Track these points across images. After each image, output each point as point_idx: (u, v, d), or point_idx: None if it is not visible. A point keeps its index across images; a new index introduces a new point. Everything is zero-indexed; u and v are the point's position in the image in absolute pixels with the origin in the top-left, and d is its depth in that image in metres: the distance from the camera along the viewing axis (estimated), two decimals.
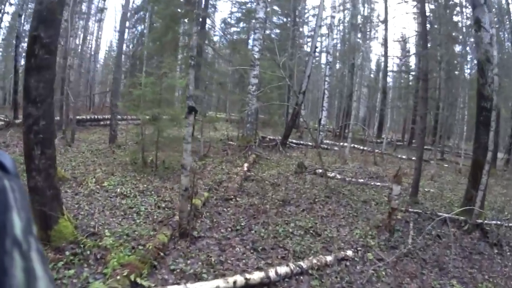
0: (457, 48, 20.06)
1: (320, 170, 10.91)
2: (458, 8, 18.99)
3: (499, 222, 7.56)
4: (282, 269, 4.95)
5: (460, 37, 18.40)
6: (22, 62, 16.89)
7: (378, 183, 11.04)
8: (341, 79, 29.58)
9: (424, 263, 6.17)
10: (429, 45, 12.34)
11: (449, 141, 24.86)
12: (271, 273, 4.79)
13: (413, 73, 25.69)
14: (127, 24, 29.31)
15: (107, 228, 6.30)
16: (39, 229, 5.31)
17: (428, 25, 12.30)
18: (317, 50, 24.96)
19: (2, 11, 22.24)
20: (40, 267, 0.48)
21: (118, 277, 4.41)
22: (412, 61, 27.80)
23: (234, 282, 4.57)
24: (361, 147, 18.65)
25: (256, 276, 4.67)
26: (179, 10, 11.48)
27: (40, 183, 5.20)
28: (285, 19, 27.54)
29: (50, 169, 5.30)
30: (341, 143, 18.40)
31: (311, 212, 8.11)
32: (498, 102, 8.09)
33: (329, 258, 5.55)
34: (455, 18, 19.41)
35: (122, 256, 4.95)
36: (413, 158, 15.20)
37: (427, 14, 12.68)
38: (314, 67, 22.56)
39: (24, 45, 16.87)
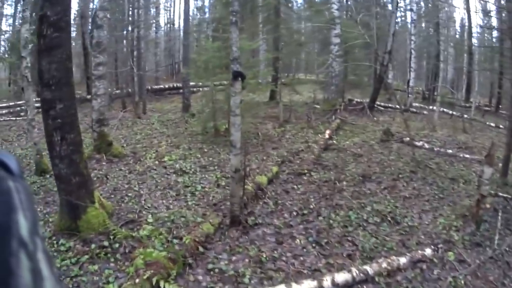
0: None
1: (407, 139, 9.50)
2: None
3: None
4: (341, 277, 3.88)
5: None
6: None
7: (467, 155, 9.32)
8: (426, 38, 27.30)
9: (508, 268, 4.67)
10: None
11: None
12: (326, 282, 3.74)
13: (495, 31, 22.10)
14: None
15: (151, 213, 5.70)
16: (68, 218, 4.90)
17: None
18: (401, 7, 23.22)
19: None
20: (46, 267, 0.47)
21: (137, 280, 3.72)
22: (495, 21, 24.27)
23: None
24: (450, 112, 16.39)
25: (306, 286, 3.66)
26: None
27: (64, 170, 4.75)
28: None
29: (74, 154, 4.79)
30: (430, 107, 16.73)
31: (393, 191, 6.92)
32: None
33: (402, 261, 4.33)
34: None
35: (149, 252, 4.24)
36: (501, 127, 13.69)
37: None
38: (399, 26, 20.45)
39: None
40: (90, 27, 17.41)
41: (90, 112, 9.38)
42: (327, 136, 10.20)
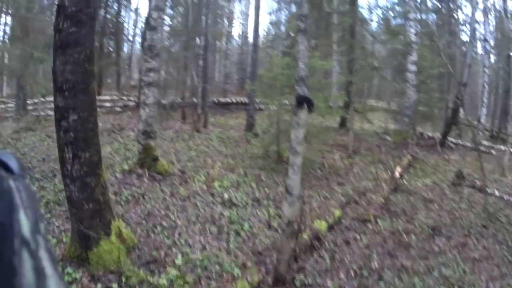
0: None
1: (478, 183, 8.91)
2: None
3: None
4: None
5: None
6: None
7: None
8: (496, 71, 25.99)
9: None
10: None
11: None
12: None
13: None
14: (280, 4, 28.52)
15: (182, 252, 4.76)
16: (78, 246, 4.12)
17: None
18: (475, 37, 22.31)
19: None
20: (49, 265, 0.47)
21: None
22: None
23: None
24: None
25: None
26: None
27: (75, 193, 4.02)
28: (439, 5, 23.85)
29: (88, 177, 3.99)
30: (500, 146, 15.40)
31: (463, 250, 5.91)
32: None
33: None
34: None
35: None
36: None
37: None
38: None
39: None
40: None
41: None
42: (397, 174, 9.05)
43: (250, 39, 34.00)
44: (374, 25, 25.46)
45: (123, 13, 26.29)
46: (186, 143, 10.43)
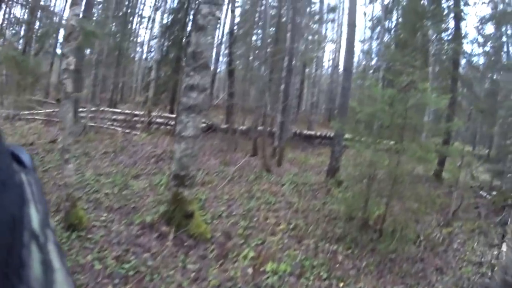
0: None
1: None
2: None
3: None
4: None
5: None
6: None
7: None
8: None
9: None
10: None
11: None
12: None
13: None
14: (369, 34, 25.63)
15: None
16: None
17: None
18: None
19: None
20: (57, 259, 0.49)
21: None
22: None
23: None
24: None
25: None
26: None
27: None
28: None
29: None
30: None
31: None
32: None
33: None
34: None
35: None
36: None
37: None
38: None
39: None
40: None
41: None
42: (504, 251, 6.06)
43: (341, 65, 31.67)
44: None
45: None
46: (248, 187, 8.05)
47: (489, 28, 19.50)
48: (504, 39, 19.95)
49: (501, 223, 8.38)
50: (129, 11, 25.26)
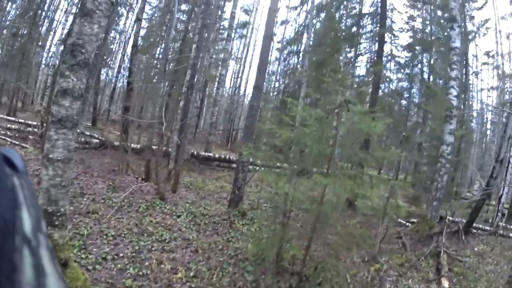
0: None
1: None
2: None
3: None
4: None
5: None
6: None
7: None
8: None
9: None
10: None
11: None
12: None
13: None
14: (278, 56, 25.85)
15: None
16: None
17: None
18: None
19: None
20: (49, 263, 0.47)
21: None
22: None
23: None
24: None
25: None
26: None
27: None
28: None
29: None
30: None
31: None
32: None
33: None
34: None
35: None
36: None
37: None
38: None
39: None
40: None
41: None
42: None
43: (243, 86, 31.26)
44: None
45: None
46: (138, 219, 6.61)
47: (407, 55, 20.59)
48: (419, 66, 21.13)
49: (431, 254, 7.94)
50: (39, 12, 22.26)
